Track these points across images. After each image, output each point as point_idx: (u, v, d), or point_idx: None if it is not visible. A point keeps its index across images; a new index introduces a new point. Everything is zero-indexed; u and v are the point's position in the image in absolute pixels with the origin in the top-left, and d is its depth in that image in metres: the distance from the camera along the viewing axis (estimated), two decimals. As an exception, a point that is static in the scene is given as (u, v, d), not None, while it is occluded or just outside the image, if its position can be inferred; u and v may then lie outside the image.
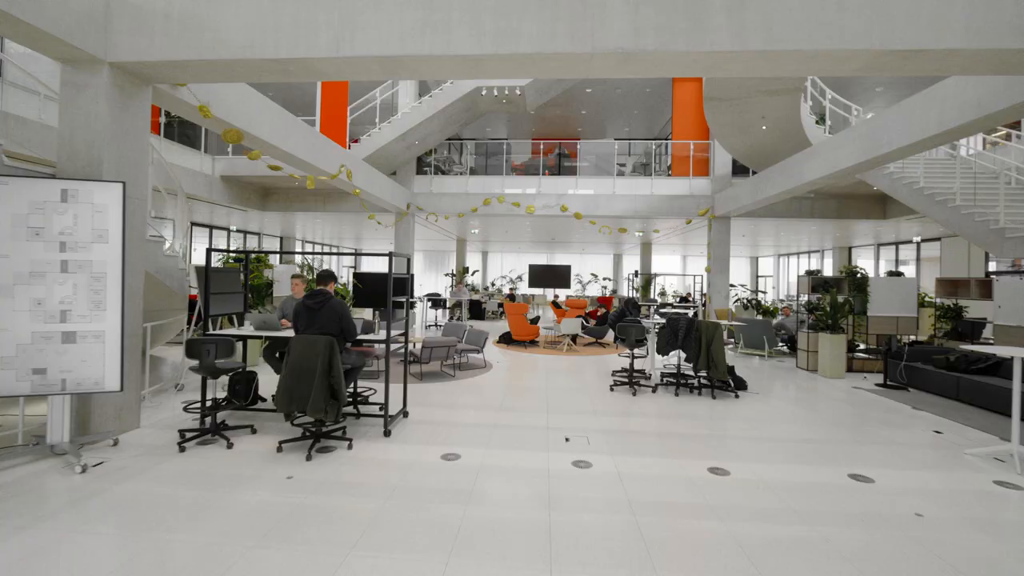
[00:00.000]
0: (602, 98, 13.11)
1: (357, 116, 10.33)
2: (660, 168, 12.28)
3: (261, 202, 11.83)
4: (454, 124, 10.75)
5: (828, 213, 10.74)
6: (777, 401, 5.04)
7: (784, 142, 8.71)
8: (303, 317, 3.29)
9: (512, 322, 8.47)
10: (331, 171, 6.82)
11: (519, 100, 10.09)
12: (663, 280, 23.92)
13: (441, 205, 11.43)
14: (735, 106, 7.91)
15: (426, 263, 29.24)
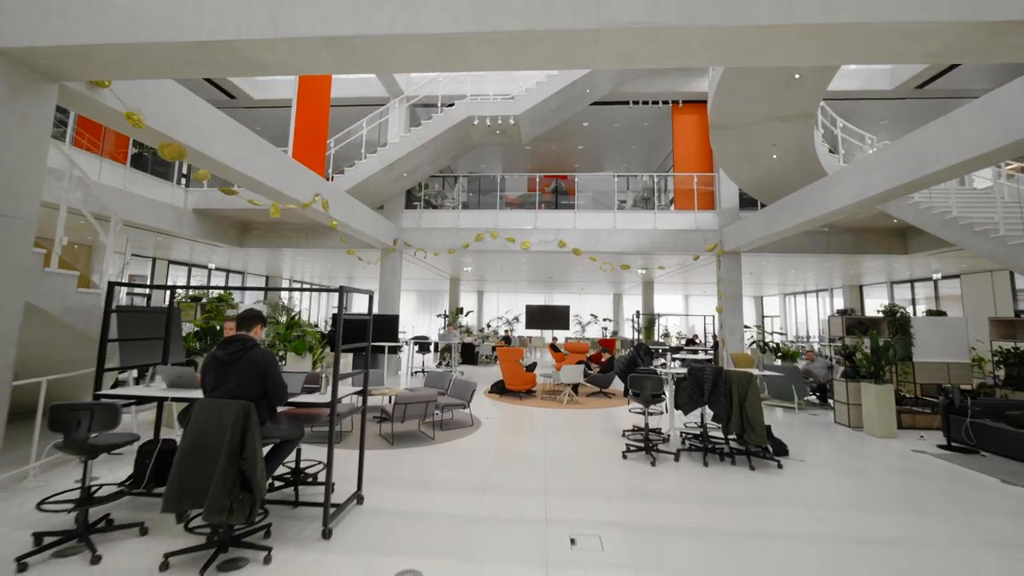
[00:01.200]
0: (599, 132, 12.89)
1: (342, 148, 9.90)
2: (662, 202, 11.81)
3: (239, 238, 11.19)
4: (445, 156, 10.33)
5: (845, 248, 10.15)
6: (830, 473, 4.11)
7: (796, 172, 8.23)
8: (211, 373, 2.46)
9: (505, 369, 7.57)
10: (302, 199, 6.17)
11: (513, 131, 9.71)
12: (665, 321, 23.06)
13: (431, 241, 10.81)
14: (743, 134, 7.46)
15: (419, 303, 28.45)
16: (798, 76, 6.14)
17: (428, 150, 9.61)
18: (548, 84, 8.84)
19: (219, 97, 10.77)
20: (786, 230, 7.50)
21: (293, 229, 11.18)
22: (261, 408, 2.46)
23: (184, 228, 9.25)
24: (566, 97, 9.29)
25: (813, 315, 22.33)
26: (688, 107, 10.73)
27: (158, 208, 8.51)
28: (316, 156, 6.85)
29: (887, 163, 4.91)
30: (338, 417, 2.80)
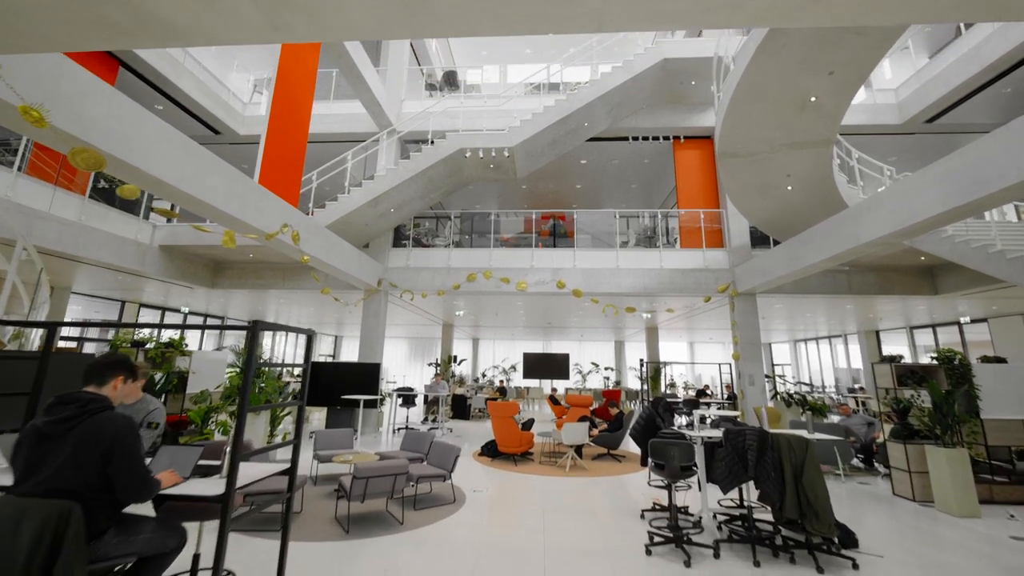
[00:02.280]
0: (598, 170, 12.62)
1: (325, 182, 9.44)
2: (667, 240, 11.27)
3: (211, 278, 10.47)
4: (436, 191, 9.87)
5: (867, 289, 9.48)
6: (922, 574, 3.13)
7: (813, 205, 7.72)
8: (24, 451, 1.61)
9: (498, 427, 6.58)
10: (267, 229, 5.50)
11: (507, 165, 9.32)
12: (670, 370, 21.97)
13: (419, 281, 10.11)
14: (755, 162, 7.00)
15: (411, 351, 27.37)
16: (814, 99, 5.73)
17: (417, 184, 9.14)
18: (544, 115, 8.53)
19: (203, 132, 10.47)
20: (810, 267, 6.85)
21: (271, 268, 10.50)
22: (98, 509, 1.59)
23: (148, 266, 8.54)
24: (562, 130, 8.97)
25: (828, 363, 21.37)
26: (690, 142, 10.47)
27: (117, 244, 7.84)
28: (289, 184, 6.27)
29: (936, 184, 4.31)
30: (255, 504, 1.91)
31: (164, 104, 9.32)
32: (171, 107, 9.49)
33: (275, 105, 5.80)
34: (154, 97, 9.05)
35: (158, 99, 9.13)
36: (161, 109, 9.47)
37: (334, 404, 9.07)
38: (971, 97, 8.13)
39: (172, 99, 9.26)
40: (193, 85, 9.05)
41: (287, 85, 6.06)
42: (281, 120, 6.00)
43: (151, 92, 8.83)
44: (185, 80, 8.80)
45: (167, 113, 9.58)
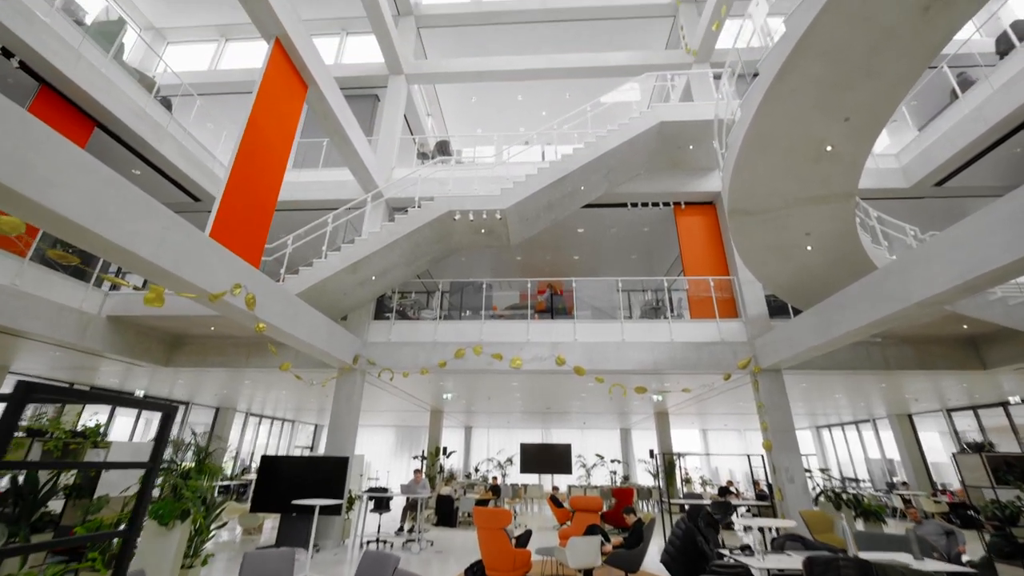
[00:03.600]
0: (596, 240, 12.32)
1: (300, 247, 8.91)
2: (675, 311, 10.55)
3: (165, 355, 9.51)
4: (423, 258, 9.33)
5: (905, 363, 8.59)
6: None
7: (837, 267, 7.14)
8: None
9: (486, 543, 5.23)
10: (212, 289, 4.74)
11: (500, 230, 8.90)
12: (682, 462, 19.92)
13: (401, 358, 9.17)
14: (770, 220, 6.53)
15: (398, 442, 25.26)
16: (830, 148, 5.39)
17: (402, 249, 8.62)
18: (538, 177, 8.29)
19: (181, 199, 10.20)
20: (847, 335, 6.05)
21: (234, 344, 9.58)
22: None
23: (89, 339, 7.64)
24: (558, 193, 8.70)
25: (858, 453, 19.59)
26: (691, 208, 10.24)
27: (55, 312, 7.02)
28: (250, 243, 5.66)
29: (1009, 223, 3.68)
30: None
31: (142, 168, 9.12)
32: (149, 172, 9.28)
33: (242, 152, 5.39)
34: (131, 161, 8.85)
35: (136, 163, 8.94)
36: (138, 174, 9.25)
37: (288, 510, 7.59)
38: (980, 158, 8.01)
39: (151, 164, 9.06)
40: (175, 150, 8.92)
41: (259, 134, 5.74)
42: (247, 169, 5.57)
43: (128, 156, 8.64)
44: (167, 144, 8.67)
45: (144, 178, 9.35)
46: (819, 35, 4.30)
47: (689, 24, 11.04)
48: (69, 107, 6.98)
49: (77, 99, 6.94)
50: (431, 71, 11.59)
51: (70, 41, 6.57)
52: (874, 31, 4.24)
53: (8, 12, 5.60)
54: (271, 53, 5.70)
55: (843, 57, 4.47)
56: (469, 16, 11.97)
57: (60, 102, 6.86)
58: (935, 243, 4.39)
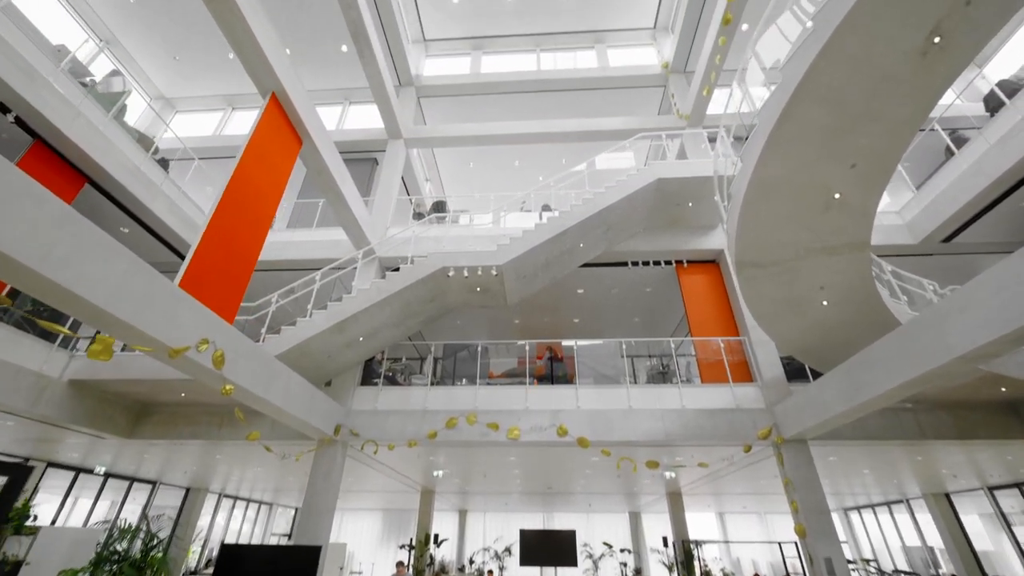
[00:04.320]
0: (596, 301, 12.04)
1: (289, 307, 8.56)
2: (684, 376, 9.97)
3: (130, 425, 8.80)
4: (414, 318, 8.96)
5: (942, 432, 7.91)
6: None
7: (856, 323, 6.77)
8: None
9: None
10: (173, 343, 4.31)
11: (496, 288, 8.62)
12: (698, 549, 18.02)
13: (388, 428, 8.47)
14: (780, 273, 6.27)
15: (386, 528, 23.09)
16: (838, 195, 5.28)
17: (393, 309, 8.28)
18: (535, 233, 8.18)
19: (170, 259, 10.03)
20: (878, 397, 5.51)
21: (207, 412, 8.90)
22: None
23: (44, 406, 7.05)
24: (556, 250, 8.55)
25: (893, 539, 17.78)
26: (694, 267, 10.07)
27: (10, 375, 6.52)
28: (226, 296, 5.32)
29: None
30: None
31: (131, 227, 9.04)
32: (138, 231, 9.19)
33: (226, 200, 5.24)
34: (120, 219, 8.79)
35: (125, 221, 8.87)
36: (127, 232, 9.15)
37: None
38: (986, 213, 7.97)
39: (141, 222, 8.99)
40: (167, 208, 8.89)
41: (246, 184, 5.64)
42: (230, 218, 5.38)
43: (117, 214, 8.59)
44: (159, 203, 8.66)
45: (132, 236, 9.25)
46: (817, 80, 4.31)
47: (679, 92, 11.69)
48: (60, 162, 7.01)
49: (69, 155, 6.98)
50: (429, 135, 12.06)
51: (71, 99, 6.72)
52: (873, 76, 4.25)
53: (10, 69, 5.75)
54: (266, 106, 5.79)
55: (843, 102, 4.46)
56: (468, 87, 12.71)
57: (52, 157, 6.89)
58: (976, 287, 4.05)
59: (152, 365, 7.43)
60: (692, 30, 11.22)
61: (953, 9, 3.81)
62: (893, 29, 3.95)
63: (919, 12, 3.84)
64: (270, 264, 10.46)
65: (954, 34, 3.95)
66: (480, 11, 12.65)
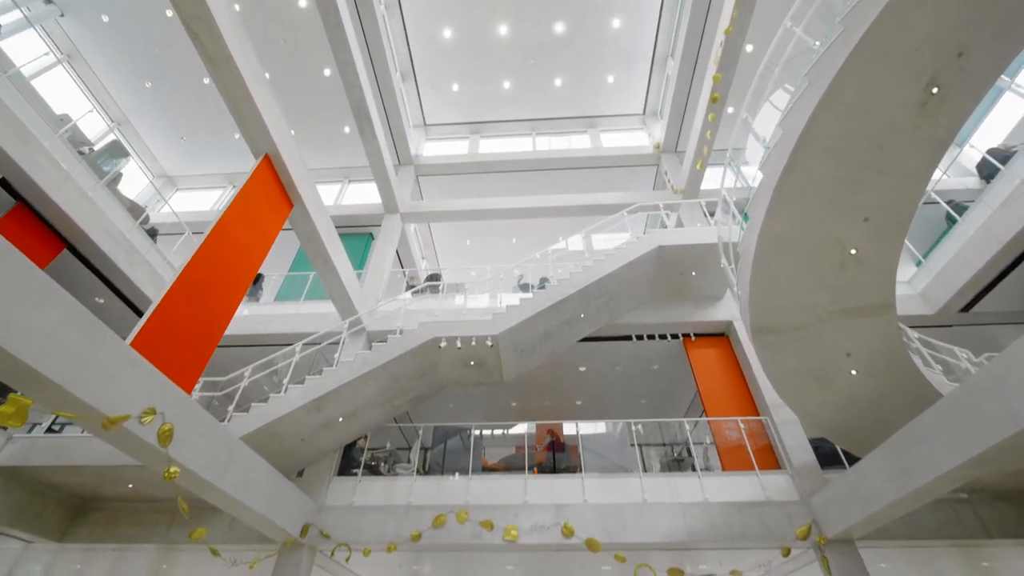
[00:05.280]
0: (600, 380, 11.39)
1: (263, 381, 7.95)
2: (703, 463, 9.02)
3: (62, 524, 7.76)
4: (401, 396, 8.30)
5: (1008, 530, 6.90)
6: None
7: (892, 397, 6.21)
8: None
9: None
10: (108, 410, 3.75)
11: (492, 362, 8.10)
12: None
13: (365, 528, 7.42)
14: (801, 340, 5.87)
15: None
16: (854, 251, 5.07)
17: (378, 384, 7.68)
18: (533, 301, 7.87)
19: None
20: (935, 482, 4.78)
21: (155, 510, 7.86)
22: None
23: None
24: (556, 320, 8.18)
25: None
26: (703, 341, 9.63)
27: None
28: (185, 361, 4.84)
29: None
30: None
31: (107, 297, 8.72)
32: (115, 302, 8.86)
33: (201, 256, 4.97)
34: (96, 288, 8.50)
35: (101, 290, 8.57)
36: (102, 302, 8.81)
37: None
38: (1003, 278, 7.77)
39: (119, 292, 8.70)
40: (147, 278, 8.65)
41: (227, 242, 5.42)
42: (203, 275, 5.07)
43: (94, 282, 8.32)
44: (140, 271, 8.43)
45: (108, 307, 8.90)
46: (819, 131, 4.30)
47: (672, 169, 12.19)
48: (40, 226, 6.89)
49: (51, 218, 6.88)
50: (426, 210, 12.30)
51: (63, 164, 6.79)
52: (874, 126, 4.25)
53: (3, 131, 5.83)
54: (257, 166, 5.79)
55: (848, 153, 4.42)
56: (466, 165, 13.30)
57: (32, 220, 6.78)
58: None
59: (100, 448, 6.65)
60: (680, 114, 12.01)
61: (946, 62, 3.90)
62: (889, 81, 4.01)
63: (913, 65, 3.92)
64: (252, 339, 10.00)
65: (951, 85, 4.00)
66: (478, 99, 13.68)
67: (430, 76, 13.26)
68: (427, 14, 11.82)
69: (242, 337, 9.98)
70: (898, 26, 3.75)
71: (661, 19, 11.95)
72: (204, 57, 4.91)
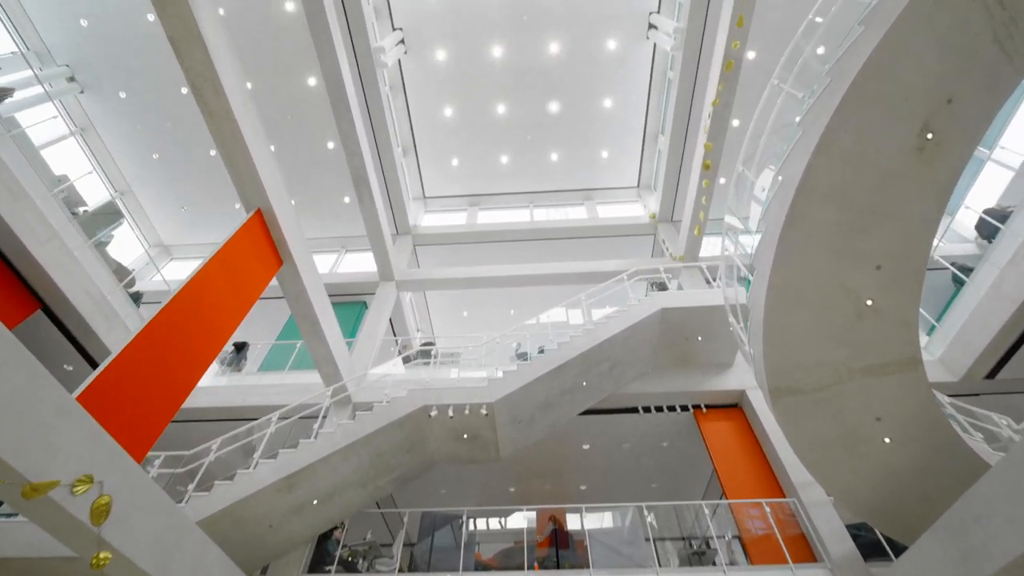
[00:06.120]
0: (605, 460, 10.56)
1: (230, 454, 7.27)
2: (728, 557, 7.99)
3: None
4: (386, 475, 7.57)
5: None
6: None
7: (936, 470, 5.63)
8: None
9: None
10: (34, 476, 3.27)
11: (487, 435, 7.51)
12: None
13: (333, 640, 6.34)
14: (824, 402, 5.44)
15: None
16: (870, 302, 4.85)
17: (360, 459, 7.02)
18: (531, 366, 7.46)
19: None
20: (1008, 568, 4.12)
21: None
22: None
23: None
24: (556, 387, 7.71)
25: None
26: (715, 413, 9.04)
27: None
28: (138, 424, 4.39)
29: None
30: None
31: (76, 364, 8.29)
32: (85, 368, 8.40)
33: (172, 309, 4.69)
34: (67, 354, 8.10)
35: (72, 357, 8.16)
36: (70, 370, 8.36)
37: None
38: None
39: (90, 358, 8.29)
40: (121, 342, 8.26)
41: (205, 295, 5.17)
42: (176, 327, 4.76)
43: (66, 347, 7.95)
44: (115, 335, 8.09)
45: (76, 376, 8.40)
46: (818, 177, 4.29)
47: (670, 237, 12.35)
48: (16, 283, 6.69)
49: (29, 275, 6.71)
50: (422, 277, 12.24)
51: (52, 222, 6.77)
52: (874, 172, 4.25)
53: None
54: (248, 220, 5.74)
55: (850, 199, 4.38)
56: (464, 235, 13.51)
57: (9, 276, 6.60)
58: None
59: (35, 535, 5.85)
60: (674, 185, 12.46)
61: (937, 108, 3.98)
62: (883, 126, 4.07)
63: (904, 111, 4.00)
64: (229, 411, 9.37)
65: (945, 131, 4.05)
66: (477, 172, 14.29)
67: (431, 151, 13.98)
68: (429, 94, 12.74)
69: (218, 410, 9.38)
70: (883, 77, 3.88)
71: (650, 99, 12.88)
72: (205, 111, 5.08)
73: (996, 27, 3.51)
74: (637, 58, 12.35)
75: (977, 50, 3.66)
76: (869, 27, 3.83)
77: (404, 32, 11.75)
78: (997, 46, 3.59)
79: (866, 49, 3.77)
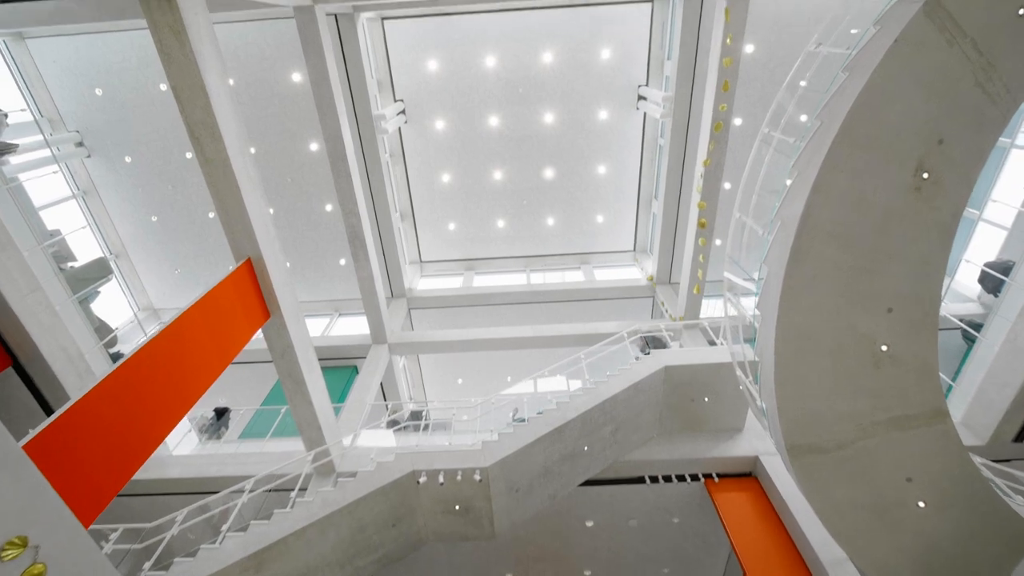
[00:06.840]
0: (610, 541, 9.67)
1: (198, 523, 6.57)
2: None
3: None
4: (368, 554, 6.83)
5: None
6: None
7: (979, 537, 5.10)
8: None
9: None
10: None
11: (481, 506, 6.89)
12: None
13: None
14: (847, 461, 5.06)
15: None
16: (885, 347, 4.68)
17: (339, 534, 6.37)
18: (529, 427, 7.02)
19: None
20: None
21: None
22: None
23: None
24: (556, 452, 7.21)
25: None
26: (728, 483, 8.42)
27: None
28: (92, 482, 3.98)
29: None
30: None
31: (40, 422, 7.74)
32: (46, 434, 7.84)
33: (147, 353, 4.44)
34: (33, 416, 7.60)
35: (37, 418, 7.65)
36: (30, 436, 7.78)
37: None
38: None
39: (54, 422, 7.77)
40: (91, 404, 7.81)
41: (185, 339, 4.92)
42: (145, 375, 4.47)
43: (33, 408, 7.49)
44: (86, 395, 7.65)
45: (35, 443, 7.82)
46: (818, 216, 4.31)
47: (668, 299, 12.29)
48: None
49: (5, 329, 6.46)
50: (416, 340, 11.97)
51: (37, 275, 6.67)
52: (873, 211, 4.28)
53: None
54: (235, 270, 5.65)
55: (853, 239, 4.37)
56: (460, 298, 13.44)
57: (-20, 331, 6.36)
58: None
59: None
60: (670, 248, 12.66)
61: (929, 148, 4.10)
62: (877, 167, 4.16)
63: (897, 151, 4.11)
64: (202, 483, 8.67)
65: (940, 170, 4.14)
66: (473, 238, 14.55)
67: (428, 215, 14.33)
68: (428, 161, 13.30)
69: (192, 481, 8.70)
70: (872, 119, 4.03)
71: (643, 164, 13.48)
72: (202, 160, 5.19)
73: (975, 71, 3.70)
74: (628, 126, 13.12)
75: (960, 93, 3.83)
76: (853, 74, 4.04)
77: (405, 103, 12.53)
78: (979, 89, 3.77)
79: (852, 93, 3.94)
